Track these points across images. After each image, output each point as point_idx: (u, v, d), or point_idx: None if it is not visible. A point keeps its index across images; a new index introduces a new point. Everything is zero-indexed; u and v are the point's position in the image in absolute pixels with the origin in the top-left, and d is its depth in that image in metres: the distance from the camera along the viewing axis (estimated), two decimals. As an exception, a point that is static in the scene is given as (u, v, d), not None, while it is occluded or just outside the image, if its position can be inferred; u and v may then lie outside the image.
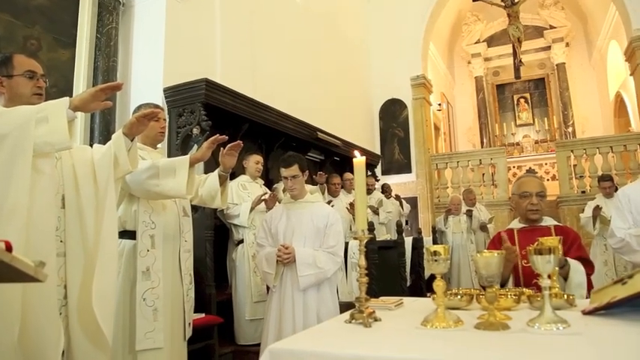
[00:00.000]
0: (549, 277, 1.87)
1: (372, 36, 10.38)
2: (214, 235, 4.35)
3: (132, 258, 2.62)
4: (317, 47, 7.79)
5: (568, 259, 2.30)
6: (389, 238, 5.40)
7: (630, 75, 9.44)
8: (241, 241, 4.54)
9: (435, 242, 6.18)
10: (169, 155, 4.47)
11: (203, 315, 3.71)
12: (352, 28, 9.63)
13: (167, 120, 4.22)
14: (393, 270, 4.27)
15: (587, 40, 14.30)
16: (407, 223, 8.54)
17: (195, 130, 4.50)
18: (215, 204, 2.99)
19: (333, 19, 8.60)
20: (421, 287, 5.32)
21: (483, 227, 6.97)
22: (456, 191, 8.91)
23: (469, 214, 7.12)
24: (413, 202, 9.34)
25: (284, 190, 3.52)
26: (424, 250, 4.47)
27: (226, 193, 3.05)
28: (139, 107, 2.93)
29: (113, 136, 2.30)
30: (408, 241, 5.09)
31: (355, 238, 1.69)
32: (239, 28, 5.80)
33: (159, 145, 3.15)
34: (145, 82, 4.65)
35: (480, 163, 9.89)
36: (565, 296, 1.82)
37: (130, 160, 2.25)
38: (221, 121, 5.01)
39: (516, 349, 1.30)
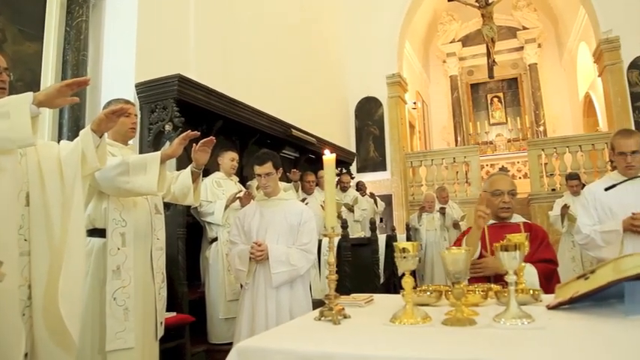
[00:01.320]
0: (515, 273, 1.92)
1: (348, 34, 10.39)
2: (187, 233, 4.30)
3: (101, 256, 2.56)
4: (292, 44, 7.77)
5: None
6: (363, 236, 5.44)
7: (598, 76, 9.69)
8: (215, 239, 4.50)
9: (408, 239, 6.23)
10: (141, 152, 4.40)
11: (175, 314, 3.66)
12: (328, 25, 9.64)
13: (139, 116, 4.16)
14: (366, 267, 4.30)
15: (559, 42, 14.62)
16: (381, 221, 8.60)
17: (168, 127, 4.44)
18: (187, 201, 2.96)
19: (308, 17, 8.59)
20: (394, 284, 5.36)
21: (456, 225, 7.07)
22: (431, 189, 9.00)
23: (442, 211, 7.21)
24: (388, 199, 9.40)
25: (258, 188, 3.50)
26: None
27: (199, 190, 3.01)
28: (110, 103, 2.88)
29: (81, 132, 2.24)
30: (382, 239, 5.14)
31: (325, 235, 1.69)
32: (213, 24, 5.74)
33: (130, 142, 3.10)
34: (117, 77, 4.55)
35: (454, 161, 10.03)
36: (531, 291, 1.86)
37: (98, 157, 2.20)
38: (194, 117, 4.96)
39: (481, 344, 1.32)
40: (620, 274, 1.51)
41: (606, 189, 2.35)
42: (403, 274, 1.62)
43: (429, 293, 1.88)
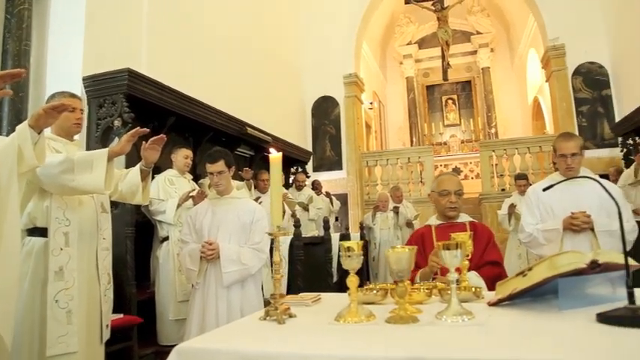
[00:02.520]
0: (457, 271, 1.97)
1: (306, 33, 10.40)
2: (136, 232, 4.19)
3: (43, 257, 2.45)
4: (249, 41, 7.70)
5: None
6: (317, 235, 5.45)
7: (546, 81, 10.11)
8: (166, 239, 4.40)
9: (362, 238, 6.30)
10: (88, 148, 4.25)
11: (122, 315, 3.56)
12: (285, 23, 9.61)
13: (85, 111, 4.01)
14: (319, 266, 4.32)
15: (510, 47, 15.14)
16: (337, 220, 8.65)
17: (117, 122, 4.31)
18: (136, 200, 2.88)
19: (266, 14, 8.53)
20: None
21: (409, 224, 7.19)
22: (386, 188, 9.13)
23: (396, 210, 7.32)
24: (343, 198, 9.48)
25: (210, 186, 3.45)
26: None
27: (148, 189, 2.93)
28: (53, 96, 2.76)
29: (18, 127, 2.13)
30: (336, 238, 5.16)
31: (270, 234, 1.68)
32: (167, 18, 5.61)
33: (77, 137, 2.99)
34: (63, 69, 4.36)
35: (409, 161, 10.21)
36: (473, 289, 1.91)
37: (36, 155, 2.10)
38: (145, 113, 4.84)
39: (422, 341, 1.34)
40: (555, 271, 1.57)
41: (544, 189, 2.44)
42: (357, 273, 1.63)
43: (375, 292, 1.90)
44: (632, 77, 8.13)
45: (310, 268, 4.28)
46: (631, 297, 1.36)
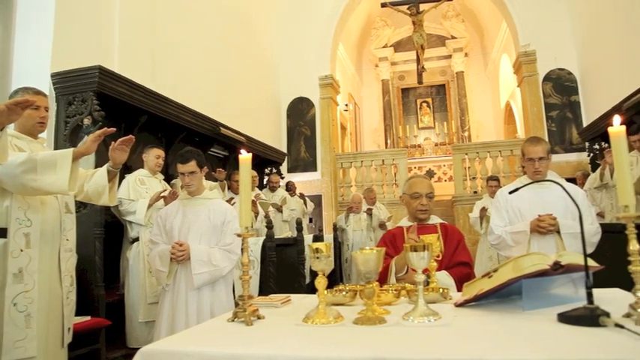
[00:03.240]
0: (426, 272, 1.99)
1: (282, 33, 10.39)
2: (105, 233, 4.11)
3: (1, 259, 2.37)
4: (224, 41, 7.64)
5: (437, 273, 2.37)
6: (290, 236, 5.44)
7: (517, 86, 10.32)
8: (136, 239, 4.34)
9: (335, 239, 6.31)
10: (56, 147, 4.16)
11: (89, 318, 3.49)
12: (261, 24, 9.56)
13: (52, 109, 3.92)
14: (292, 267, 4.30)
15: (484, 52, 15.39)
16: (311, 221, 8.66)
17: (87, 121, 4.23)
18: (102, 201, 2.82)
19: (241, 13, 8.48)
20: (322, 284, 5.36)
21: (382, 225, 7.24)
22: (360, 190, 9.17)
23: (369, 212, 7.36)
24: (317, 200, 9.49)
25: (182, 187, 3.41)
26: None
27: (115, 190, 2.88)
28: (17, 91, 2.68)
29: (-24, 124, 2.07)
30: (309, 239, 5.15)
31: (239, 236, 1.67)
32: (141, 15, 5.52)
33: (43, 135, 2.91)
34: (30, 65, 4.25)
35: (383, 163, 10.27)
36: (440, 290, 1.93)
37: (-3, 153, 2.04)
38: (116, 112, 4.76)
39: (388, 342, 1.35)
40: (519, 272, 1.60)
41: (510, 192, 2.49)
42: (330, 274, 1.63)
43: (344, 293, 1.90)
44: (598, 84, 8.36)
45: (283, 269, 4.26)
46: (590, 297, 1.39)
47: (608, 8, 7.47)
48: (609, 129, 1.50)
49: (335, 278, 5.79)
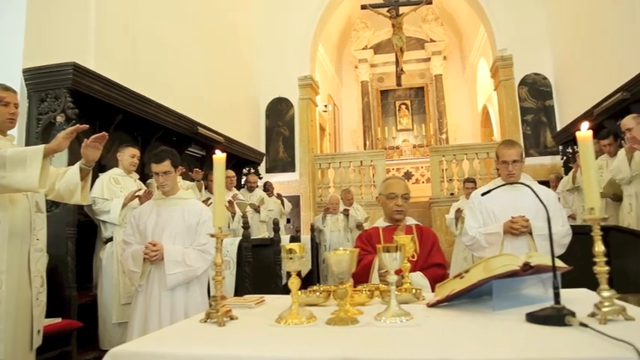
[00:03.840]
0: (399, 272, 2.00)
1: (261, 33, 10.35)
2: (78, 233, 4.04)
3: (-33, 259, 2.32)
4: (203, 40, 7.58)
5: (410, 274, 2.37)
6: (267, 236, 5.43)
7: (494, 90, 10.48)
8: (110, 239, 4.29)
9: (313, 240, 6.31)
10: (28, 144, 4.08)
11: (60, 319, 3.42)
12: (241, 23, 9.51)
13: (23, 105, 3.84)
14: (268, 268, 4.29)
15: (462, 56, 15.59)
16: (288, 222, 8.64)
17: (60, 118, 4.15)
18: (74, 200, 2.76)
19: (221, 12, 8.42)
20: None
21: (359, 226, 7.26)
22: (338, 191, 9.20)
23: (346, 213, 7.39)
24: (295, 200, 9.48)
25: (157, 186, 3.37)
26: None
27: (87, 189, 2.83)
28: (-15, 87, 2.62)
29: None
30: (286, 239, 5.15)
31: (212, 236, 1.66)
32: (117, 11, 5.43)
33: (14, 132, 2.84)
34: (0, 60, 4.16)
35: (361, 165, 10.32)
36: (413, 290, 1.95)
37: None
38: (91, 109, 4.69)
39: (359, 342, 1.35)
40: (489, 273, 1.62)
41: (482, 194, 2.53)
42: (307, 275, 1.63)
43: (318, 294, 1.91)
44: (572, 89, 8.55)
45: (259, 270, 4.24)
46: (557, 297, 1.42)
47: (583, 16, 7.65)
48: (577, 133, 1.53)
49: (312, 279, 5.79)
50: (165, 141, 6.00)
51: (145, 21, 5.92)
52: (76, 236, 4.03)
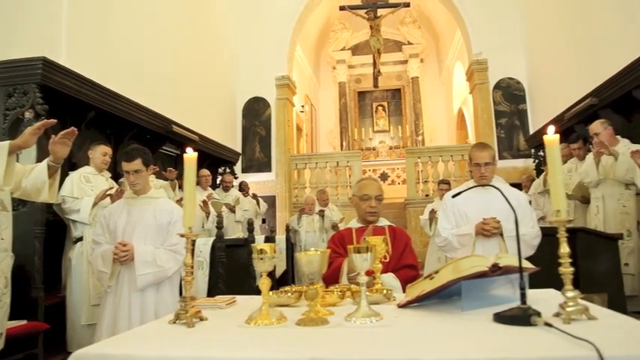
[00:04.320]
0: (371, 274, 2.01)
1: (240, 32, 10.27)
2: (46, 232, 3.95)
3: None
4: (180, 36, 7.47)
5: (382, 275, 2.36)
6: (242, 237, 5.39)
7: (469, 93, 10.63)
8: (80, 239, 4.19)
9: (288, 241, 6.29)
10: (-6, 140, 3.96)
11: (25, 322, 3.32)
12: (218, 21, 9.43)
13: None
14: (242, 268, 4.25)
15: (439, 59, 15.77)
16: (264, 222, 8.60)
17: (28, 114, 4.05)
18: (42, 198, 2.70)
19: (199, 9, 8.33)
20: (272, 285, 5.33)
21: (335, 227, 7.27)
22: (314, 191, 9.20)
23: (321, 213, 7.40)
24: (271, 200, 9.44)
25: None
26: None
27: (56, 187, 2.76)
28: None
29: None
30: (260, 240, 5.12)
31: (182, 236, 1.63)
32: (91, 6, 5.30)
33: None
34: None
35: (338, 165, 10.35)
36: (384, 291, 1.96)
37: None
38: (62, 106, 4.59)
39: (328, 343, 1.35)
40: (459, 274, 1.64)
41: (453, 196, 2.56)
42: (282, 275, 1.62)
43: (289, 294, 1.90)
44: (544, 94, 8.73)
45: (233, 270, 4.21)
46: (523, 298, 1.44)
47: (556, 22, 7.83)
48: (544, 137, 1.56)
49: (287, 279, 5.78)
50: (139, 139, 5.90)
51: (119, 16, 5.81)
52: (44, 235, 3.94)
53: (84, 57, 5.02)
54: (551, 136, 1.55)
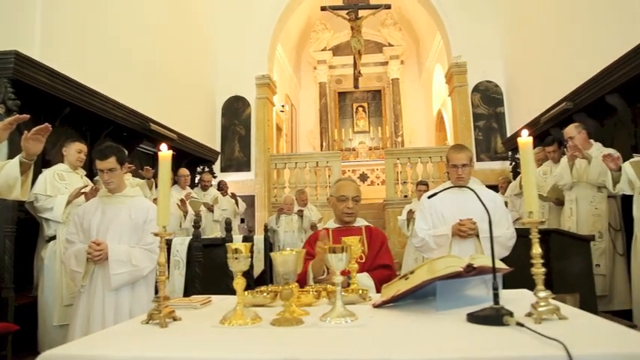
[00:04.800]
0: (347, 273, 2.01)
1: (220, 30, 10.18)
2: (17, 231, 3.85)
3: None
4: (159, 33, 7.37)
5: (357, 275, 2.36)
6: (219, 236, 5.35)
7: (448, 96, 10.74)
8: (53, 238, 4.10)
9: (266, 240, 6.27)
10: (-37, 136, 3.84)
11: (-6, 322, 3.25)
12: (199, 19, 9.34)
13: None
14: (220, 268, 4.20)
15: (419, 61, 15.89)
16: (242, 222, 8.55)
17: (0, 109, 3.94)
18: (13, 195, 2.63)
19: (178, 6, 8.23)
20: (250, 285, 5.31)
21: (313, 227, 7.28)
22: (293, 191, 9.18)
23: (300, 213, 7.39)
24: (250, 200, 9.39)
25: (105, 183, 3.24)
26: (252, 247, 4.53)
27: (28, 184, 2.70)
28: None
29: None
30: (238, 239, 5.08)
31: (156, 235, 1.61)
32: (66, 1, 5.19)
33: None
34: None
35: (317, 165, 10.35)
36: (360, 291, 1.96)
37: None
38: (36, 101, 4.49)
39: (303, 343, 1.35)
40: (433, 274, 1.65)
41: (429, 197, 2.59)
42: (261, 274, 1.61)
43: (265, 294, 1.89)
44: (521, 97, 8.88)
45: (210, 270, 4.17)
46: (496, 298, 1.46)
47: (533, 28, 7.96)
48: (518, 139, 1.58)
49: (265, 279, 5.75)
50: (116, 137, 5.81)
51: (96, 11, 5.70)
52: (16, 234, 3.84)
53: (59, 52, 4.92)
54: (525, 139, 1.57)
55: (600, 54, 5.35)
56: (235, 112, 10.16)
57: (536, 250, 1.47)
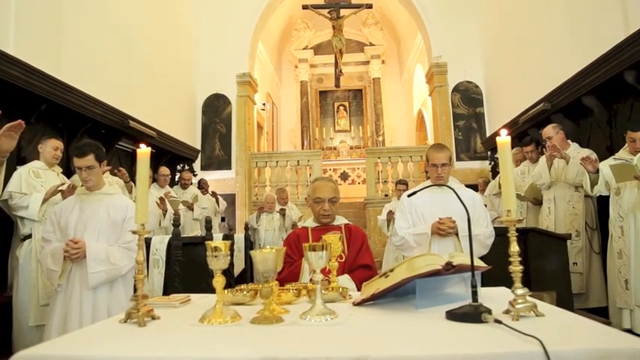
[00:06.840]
0: (328, 272, 2.01)
1: (201, 27, 10.10)
2: (-9, 229, 3.77)
3: None
4: (139, 28, 7.27)
5: (338, 277, 2.37)
6: (199, 234, 5.31)
7: (429, 95, 10.83)
8: (29, 236, 4.02)
9: (247, 239, 6.23)
10: None
11: (-35, 322, 3.16)
12: (180, 16, 9.24)
13: None
14: (200, 267, 4.16)
15: (400, 61, 15.98)
16: (223, 220, 8.50)
17: (-29, 106, 3.84)
18: (-15, 193, 2.57)
19: (159, 2, 8.12)
20: (231, 284, 5.27)
21: (294, 226, 7.27)
22: (274, 190, 9.16)
23: (282, 212, 7.38)
24: (231, 198, 9.34)
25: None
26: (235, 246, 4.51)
27: (1, 181, 2.65)
28: None
29: None
30: (218, 238, 5.04)
31: (134, 232, 1.59)
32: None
33: None
34: None
35: (298, 164, 10.34)
36: (340, 289, 1.96)
37: None
38: (10, 98, 4.38)
39: (282, 341, 1.34)
40: (413, 272, 1.66)
41: (409, 195, 2.61)
42: (241, 273, 1.60)
43: (245, 292, 1.88)
44: (501, 98, 9.00)
45: (190, 268, 4.13)
46: (474, 295, 1.48)
47: (511, 28, 8.08)
48: (497, 139, 1.60)
49: (246, 277, 5.72)
50: (94, 134, 5.71)
51: (74, 5, 5.58)
52: (-11, 233, 3.75)
53: (34, 46, 4.81)
54: (504, 138, 1.59)
55: (576, 56, 5.45)
56: (216, 110, 10.08)
57: (514, 248, 1.49)
